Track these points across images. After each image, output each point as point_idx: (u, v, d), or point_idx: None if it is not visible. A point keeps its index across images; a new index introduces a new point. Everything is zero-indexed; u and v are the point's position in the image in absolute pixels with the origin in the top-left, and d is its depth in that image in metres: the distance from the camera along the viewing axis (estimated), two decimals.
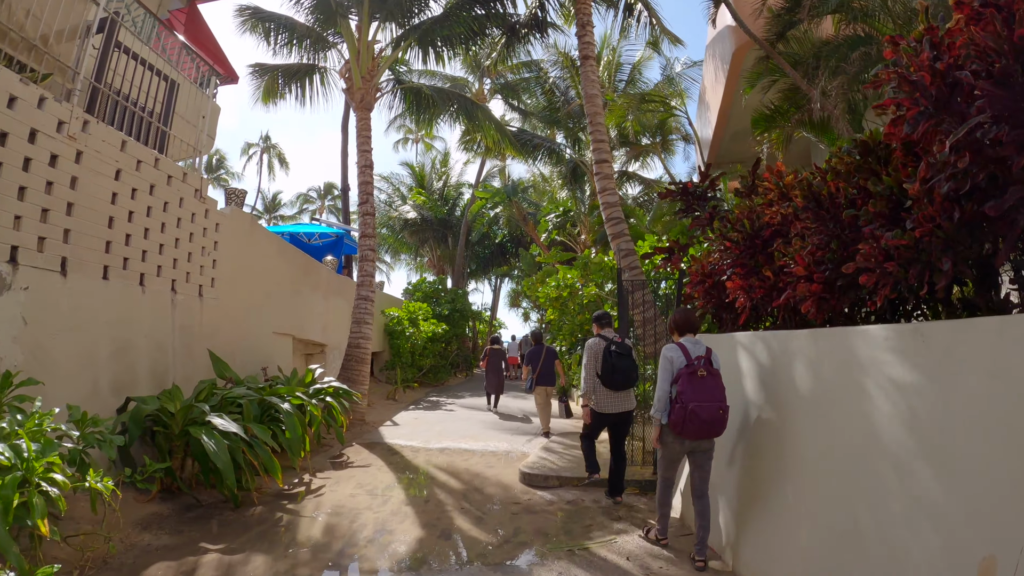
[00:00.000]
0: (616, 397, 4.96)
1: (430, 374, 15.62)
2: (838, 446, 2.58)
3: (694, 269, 4.69)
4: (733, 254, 3.96)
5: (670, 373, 3.53)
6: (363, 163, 10.01)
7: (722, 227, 4.20)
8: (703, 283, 4.52)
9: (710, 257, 4.54)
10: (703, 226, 5.25)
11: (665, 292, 7.51)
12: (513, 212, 20.25)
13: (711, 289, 4.49)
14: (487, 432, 8.60)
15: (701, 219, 5.33)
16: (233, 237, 7.34)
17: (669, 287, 7.59)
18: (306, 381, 7.25)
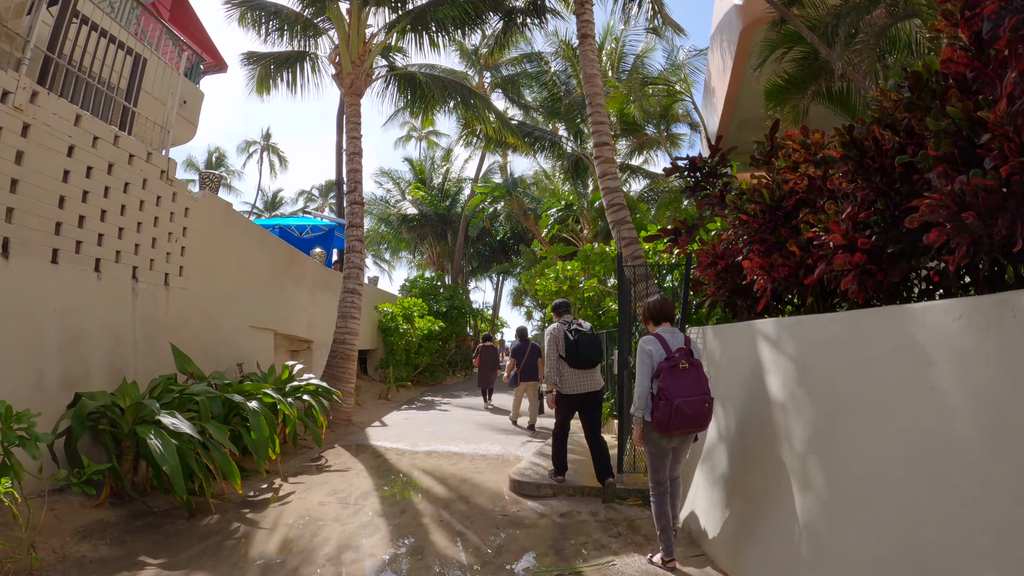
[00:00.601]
0: (582, 376, 4.85)
1: (426, 373, 15.09)
2: (892, 461, 2.01)
3: (704, 250, 4.14)
4: (750, 229, 3.41)
5: (650, 367, 3.30)
6: (351, 150, 9.51)
7: (736, 199, 3.64)
8: (714, 265, 3.97)
9: (722, 236, 3.99)
10: (713, 205, 4.71)
11: (670, 284, 6.95)
12: (513, 207, 19.70)
13: (723, 272, 3.93)
14: (480, 433, 8.05)
15: (711, 198, 4.79)
16: (205, 223, 6.83)
17: (676, 278, 7.03)
18: (282, 378, 6.73)
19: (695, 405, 3.13)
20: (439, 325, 14.50)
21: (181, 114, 9.16)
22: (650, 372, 3.29)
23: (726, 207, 4.79)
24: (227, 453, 4.65)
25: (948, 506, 1.73)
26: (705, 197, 4.93)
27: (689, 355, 3.27)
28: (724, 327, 3.85)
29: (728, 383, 3.63)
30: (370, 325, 13.19)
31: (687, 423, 3.13)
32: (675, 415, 3.10)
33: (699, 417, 3.16)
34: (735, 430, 3.40)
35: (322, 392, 6.77)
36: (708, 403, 3.21)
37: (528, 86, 20.12)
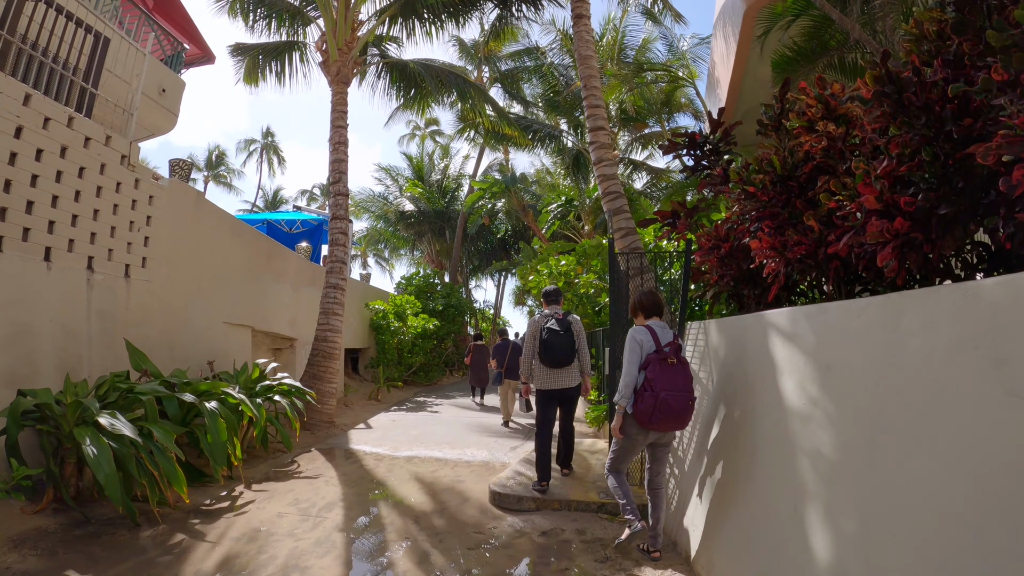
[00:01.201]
0: (555, 374, 4.81)
1: (421, 373, 14.62)
2: (957, 492, 1.51)
3: (705, 233, 3.66)
4: (758, 204, 2.92)
5: (639, 356, 3.22)
6: (336, 139, 9.06)
7: (741, 171, 3.15)
8: (716, 250, 3.48)
9: (727, 215, 3.50)
10: (715, 185, 4.22)
11: (671, 277, 6.45)
12: (513, 203, 19.21)
13: (727, 258, 3.44)
14: (467, 437, 7.58)
15: (713, 177, 4.30)
16: (173, 212, 6.38)
17: (677, 270, 6.53)
18: (252, 377, 6.27)
19: (680, 401, 3.07)
20: (433, 324, 14.03)
21: (160, 103, 8.75)
22: (639, 361, 3.21)
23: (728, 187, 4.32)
24: (174, 458, 4.19)
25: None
26: (706, 177, 4.45)
27: (678, 351, 3.22)
28: (729, 320, 3.36)
29: (734, 385, 3.14)
30: (361, 323, 12.74)
31: (670, 418, 3.07)
32: (659, 408, 3.03)
33: (682, 413, 3.09)
34: (742, 440, 2.91)
35: (295, 393, 6.30)
36: (692, 401, 3.14)
37: (527, 80, 19.67)
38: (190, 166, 6.86)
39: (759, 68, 10.32)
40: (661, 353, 3.15)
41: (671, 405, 3.03)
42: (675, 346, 3.22)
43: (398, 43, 14.34)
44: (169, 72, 8.97)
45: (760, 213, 2.85)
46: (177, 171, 6.77)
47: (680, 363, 3.17)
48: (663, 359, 3.13)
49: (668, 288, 6.74)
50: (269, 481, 5.34)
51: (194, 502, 4.64)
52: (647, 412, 3.06)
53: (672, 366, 3.12)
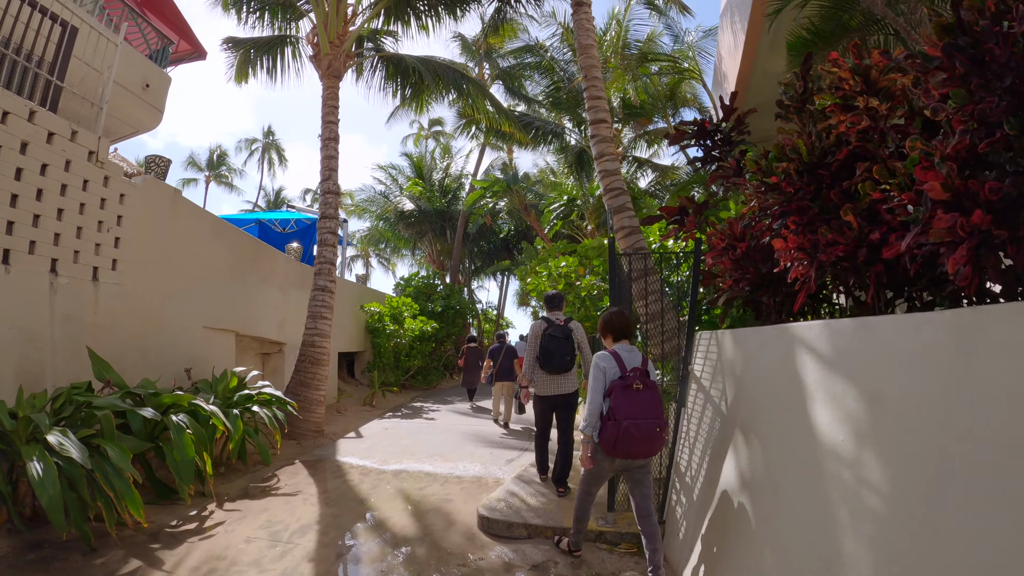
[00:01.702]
0: (554, 380, 4.84)
1: (419, 376, 14.24)
2: None
3: (717, 231, 3.25)
4: (782, 196, 2.51)
5: (603, 384, 3.14)
6: (327, 135, 8.68)
7: (759, 159, 2.74)
8: (731, 250, 3.07)
9: (743, 211, 3.10)
10: (728, 178, 3.82)
11: (677, 278, 6.04)
12: (514, 202, 18.79)
13: (743, 259, 3.03)
14: (462, 448, 7.18)
15: (725, 169, 3.90)
16: (147, 212, 6.01)
17: (683, 271, 6.11)
18: (230, 386, 5.90)
19: (645, 428, 2.98)
20: (432, 326, 13.63)
21: (144, 98, 8.41)
22: (602, 388, 3.13)
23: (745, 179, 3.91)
24: (130, 479, 3.82)
25: None
26: (718, 169, 4.04)
27: (645, 376, 3.13)
28: (747, 332, 2.94)
29: (752, 407, 2.72)
30: (356, 326, 12.36)
31: (635, 446, 2.99)
32: (622, 437, 2.96)
33: (648, 441, 3.01)
34: (762, 473, 2.51)
35: (276, 402, 5.93)
36: (661, 427, 3.04)
37: (529, 78, 19.23)
38: (167, 163, 6.50)
39: (768, 60, 9.87)
40: (625, 379, 3.07)
41: (633, 434, 2.95)
42: (642, 371, 3.13)
43: (395, 38, 13.97)
44: (153, 66, 8.62)
45: (784, 207, 2.44)
46: (153, 168, 6.41)
47: (648, 388, 3.08)
48: (627, 386, 3.05)
49: (674, 292, 6.34)
50: (244, 499, 4.97)
51: (160, 522, 4.30)
52: (611, 441, 3.00)
53: (637, 392, 3.04)
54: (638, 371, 3.11)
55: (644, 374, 3.12)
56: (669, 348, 5.21)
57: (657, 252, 5.99)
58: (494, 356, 9.31)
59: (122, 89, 7.97)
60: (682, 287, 5.88)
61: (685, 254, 4.65)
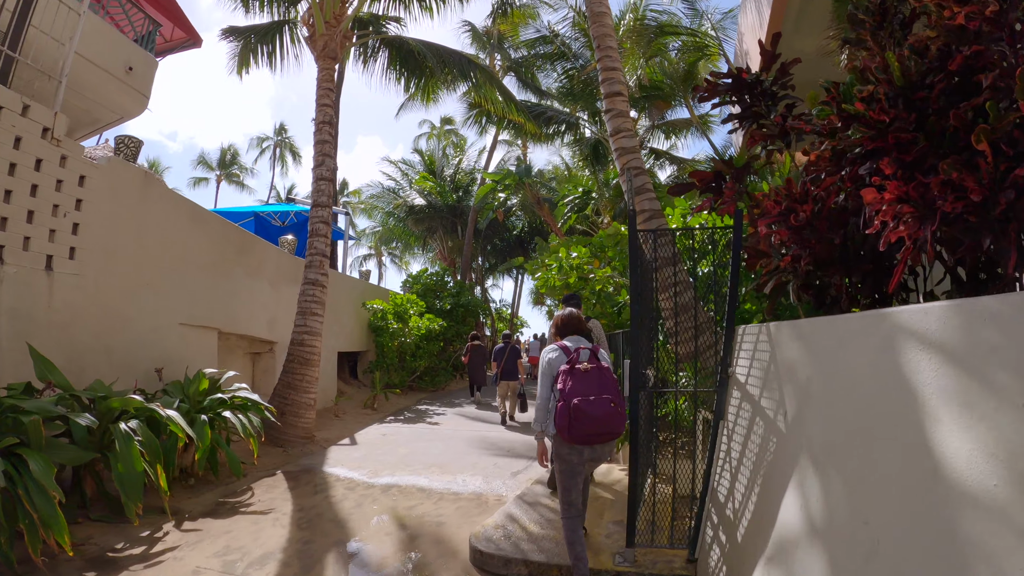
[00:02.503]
0: None
1: (426, 377, 13.60)
2: None
3: (771, 192, 2.53)
4: (871, 131, 1.78)
5: (550, 377, 3.07)
6: (320, 119, 8.07)
7: (830, 88, 2.01)
8: (789, 216, 2.35)
9: (808, 161, 2.37)
10: (771, 138, 3.12)
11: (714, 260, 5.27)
12: (527, 196, 18.08)
13: (806, 228, 2.30)
14: (464, 458, 6.51)
15: (769, 127, 3.19)
16: (113, 196, 5.43)
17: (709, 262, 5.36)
18: (200, 389, 5.29)
19: (597, 405, 2.86)
20: (439, 324, 12.97)
21: (128, 82, 7.86)
22: (550, 382, 3.05)
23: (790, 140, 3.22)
24: (55, 499, 3.21)
25: None
26: (759, 128, 3.31)
27: (594, 358, 3.06)
28: (817, 325, 2.21)
29: (829, 428, 2.00)
30: (358, 324, 11.76)
31: (591, 426, 2.85)
32: (575, 417, 2.84)
33: (605, 419, 2.86)
34: (843, 517, 1.79)
35: (252, 407, 5.31)
36: (615, 403, 2.91)
37: (542, 68, 18.51)
38: (138, 144, 5.92)
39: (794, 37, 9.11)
40: (571, 362, 3.00)
41: (586, 410, 2.83)
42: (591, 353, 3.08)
43: (399, 23, 13.39)
44: (137, 49, 8.08)
45: (879, 143, 1.71)
46: (123, 149, 5.83)
47: (598, 369, 2.99)
48: (571, 367, 2.98)
49: (703, 283, 5.59)
50: (208, 517, 4.36)
51: (104, 544, 3.74)
52: (565, 425, 2.87)
53: (585, 372, 2.96)
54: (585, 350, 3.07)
55: (593, 356, 3.06)
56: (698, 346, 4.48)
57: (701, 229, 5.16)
58: (498, 357, 9.56)
59: (103, 72, 7.45)
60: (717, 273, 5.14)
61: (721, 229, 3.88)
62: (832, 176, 2.26)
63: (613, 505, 4.51)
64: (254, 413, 5.27)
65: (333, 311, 10.34)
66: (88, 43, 7.08)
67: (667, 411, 4.53)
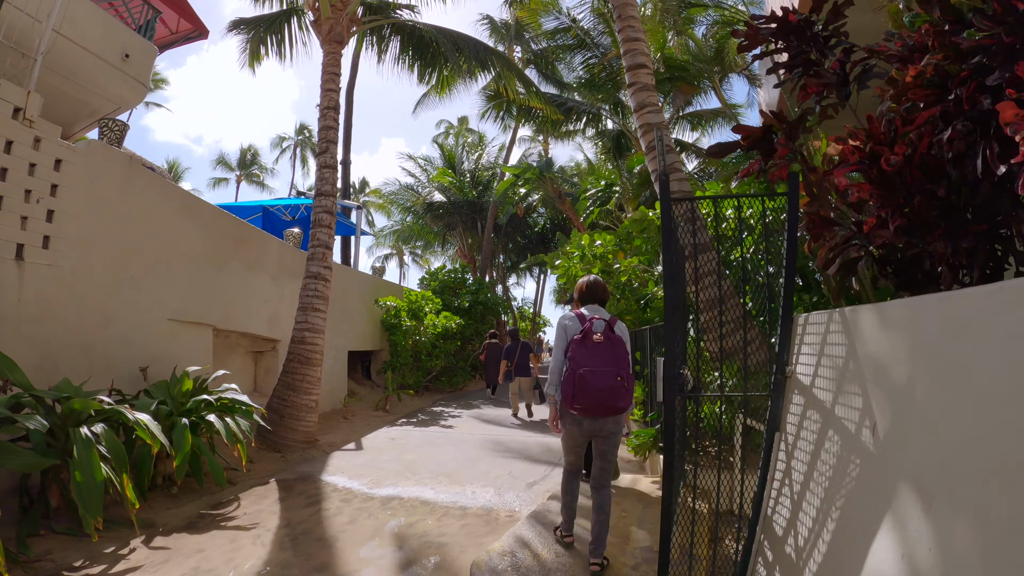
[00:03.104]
0: None
1: (443, 378, 13.12)
2: None
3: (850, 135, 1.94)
4: (1009, 22, 1.19)
5: (564, 342, 3.13)
6: (326, 104, 7.63)
7: None
8: (872, 165, 1.75)
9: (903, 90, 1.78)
10: (827, 89, 2.55)
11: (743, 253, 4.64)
12: (548, 190, 17.50)
13: (897, 178, 1.70)
14: (476, 465, 5.98)
15: (825, 76, 2.61)
16: (92, 182, 5.04)
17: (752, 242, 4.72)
18: (184, 389, 4.86)
19: (603, 377, 2.94)
20: (456, 322, 12.47)
21: (125, 70, 7.53)
22: (564, 348, 3.11)
23: (849, 92, 2.65)
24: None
25: None
26: (813, 76, 2.73)
27: (609, 330, 3.09)
28: (918, 305, 1.61)
29: (950, 450, 1.41)
30: (371, 322, 11.34)
31: (594, 397, 2.93)
32: (580, 386, 2.94)
33: (608, 392, 2.94)
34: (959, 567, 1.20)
35: (240, 410, 4.86)
36: (621, 377, 2.97)
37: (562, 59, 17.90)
38: (123, 127, 5.53)
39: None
40: (585, 331, 3.05)
41: (590, 382, 2.92)
42: (606, 325, 3.10)
43: (412, 10, 12.95)
44: (133, 35, 7.74)
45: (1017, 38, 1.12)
46: (106, 133, 5.45)
47: (610, 341, 3.05)
48: (584, 337, 3.04)
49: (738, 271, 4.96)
50: (183, 531, 3.91)
51: (62, 561, 3.36)
52: (569, 393, 2.98)
53: (597, 344, 3.01)
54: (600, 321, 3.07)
55: (609, 328, 3.08)
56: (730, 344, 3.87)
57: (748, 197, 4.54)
58: (510, 354, 9.57)
59: (97, 60, 7.11)
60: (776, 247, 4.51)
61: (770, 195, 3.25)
62: (930, 108, 1.66)
63: (641, 523, 3.92)
64: (242, 416, 4.82)
65: (343, 308, 9.93)
66: (81, 29, 6.76)
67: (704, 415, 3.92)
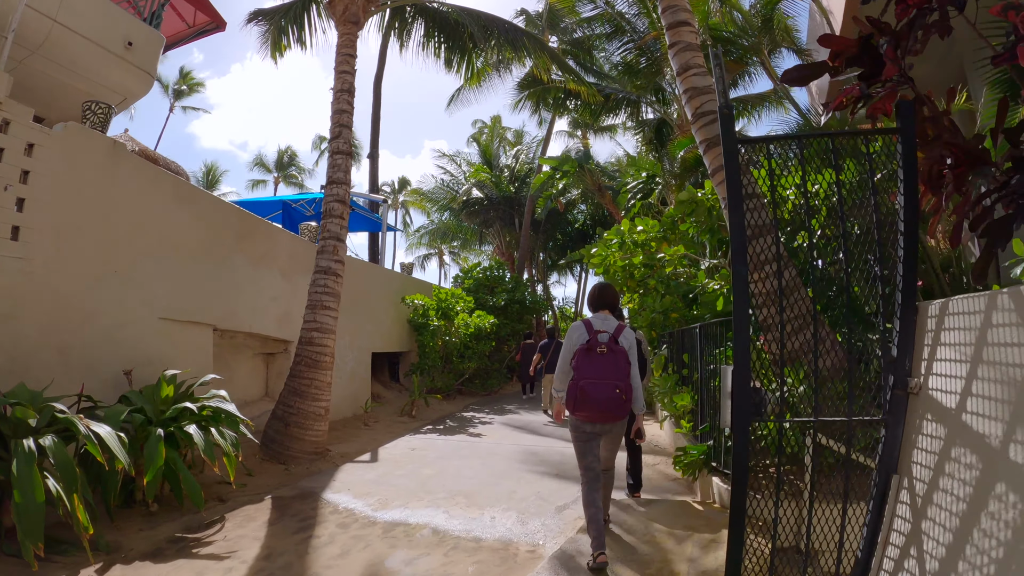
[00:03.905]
0: None
1: (476, 380, 12.45)
2: None
3: None
4: None
5: (571, 349, 3.33)
6: (339, 87, 7.06)
7: None
8: None
9: None
10: None
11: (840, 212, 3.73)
12: (587, 183, 16.63)
13: None
14: (500, 483, 5.25)
15: None
16: (71, 169, 4.56)
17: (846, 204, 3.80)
18: (163, 395, 4.32)
19: (602, 389, 3.13)
20: (490, 321, 11.73)
21: (128, 59, 7.16)
22: (569, 356, 3.31)
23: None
24: None
25: None
26: None
27: (613, 342, 3.25)
28: None
29: None
30: (398, 322, 10.77)
31: (593, 407, 3.14)
32: (580, 397, 3.14)
33: (606, 402, 3.13)
34: None
35: (224, 419, 4.27)
36: (620, 389, 3.15)
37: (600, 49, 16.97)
38: (108, 110, 5.07)
39: None
40: (589, 343, 3.22)
41: (589, 393, 3.11)
42: (611, 337, 3.25)
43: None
44: (138, 23, 7.37)
45: None
46: (90, 116, 5.00)
47: (612, 352, 3.20)
48: (589, 349, 3.21)
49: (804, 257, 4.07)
50: (147, 559, 3.36)
51: None
52: (571, 401, 3.19)
53: (600, 355, 3.19)
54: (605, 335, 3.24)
55: (613, 339, 3.24)
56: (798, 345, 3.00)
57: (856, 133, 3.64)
58: (544, 351, 9.93)
59: (98, 48, 6.75)
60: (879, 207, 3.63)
61: (875, 132, 2.35)
62: None
63: (693, 564, 3.10)
64: (227, 427, 4.24)
65: (367, 307, 9.39)
66: (80, 17, 6.40)
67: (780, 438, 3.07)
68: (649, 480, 5.29)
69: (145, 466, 3.78)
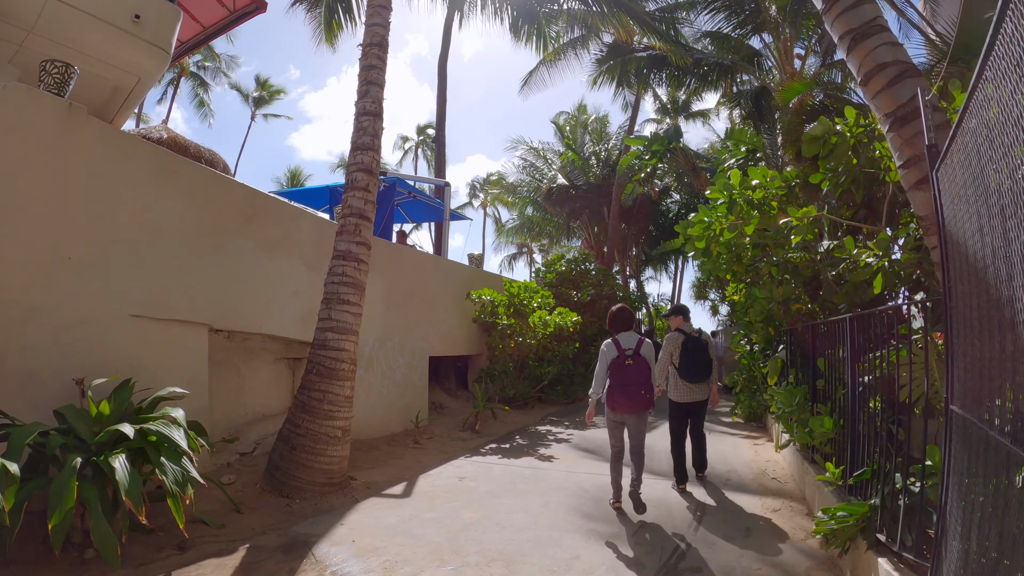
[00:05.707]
0: (691, 388, 5.19)
1: (558, 387, 10.93)
2: None
3: None
4: None
5: (605, 363, 4.37)
6: (368, 40, 5.89)
7: None
8: None
9: None
10: None
11: None
12: (679, 161, 14.58)
13: None
14: (559, 544, 3.78)
15: None
16: (12, 137, 3.68)
17: None
18: (92, 415, 3.27)
19: (630, 392, 4.26)
20: (572, 320, 10.14)
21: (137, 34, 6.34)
22: (604, 367, 4.37)
23: None
24: None
25: None
26: None
27: (636, 354, 4.31)
28: None
29: None
30: (464, 321, 9.54)
31: (624, 404, 4.28)
32: (614, 397, 4.30)
33: (633, 401, 4.26)
34: None
35: (167, 448, 3.14)
36: (644, 391, 4.27)
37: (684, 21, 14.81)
38: (67, 71, 4.17)
39: None
40: (620, 358, 4.31)
41: (620, 395, 4.27)
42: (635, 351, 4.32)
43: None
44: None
45: None
46: (44, 77, 4.13)
47: (636, 363, 4.29)
48: (620, 362, 4.30)
49: None
50: None
51: None
52: (609, 401, 4.34)
53: (628, 366, 4.28)
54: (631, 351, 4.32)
55: (636, 352, 4.31)
56: None
57: None
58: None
59: (102, 24, 5.94)
60: None
61: None
62: None
63: None
64: (168, 458, 3.11)
65: (422, 304, 8.22)
66: None
67: None
68: (765, 543, 3.57)
69: (50, 507, 2.73)
